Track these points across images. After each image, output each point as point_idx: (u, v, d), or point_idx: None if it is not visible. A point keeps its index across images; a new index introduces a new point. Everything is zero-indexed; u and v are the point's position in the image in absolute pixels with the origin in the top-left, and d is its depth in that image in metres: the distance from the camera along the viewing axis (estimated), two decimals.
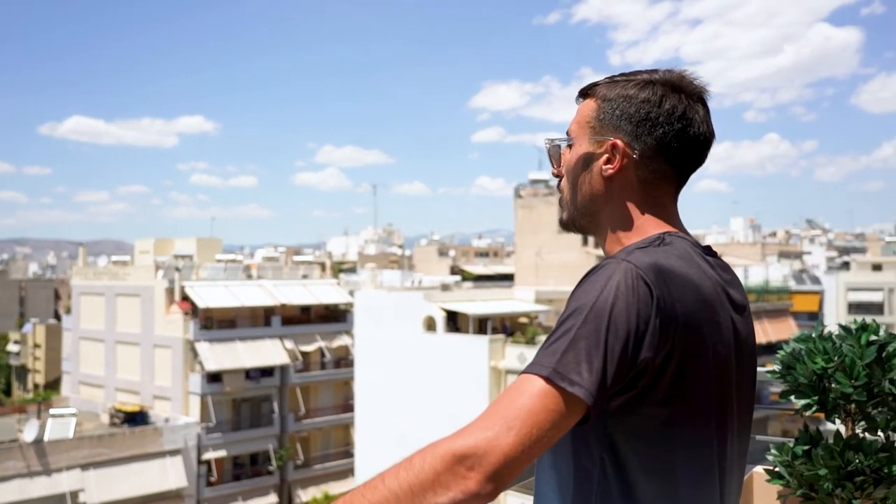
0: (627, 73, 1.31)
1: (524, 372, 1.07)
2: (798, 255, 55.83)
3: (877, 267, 52.85)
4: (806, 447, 2.29)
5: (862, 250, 71.77)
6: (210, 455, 33.91)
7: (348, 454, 37.39)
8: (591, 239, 27.45)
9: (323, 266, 48.64)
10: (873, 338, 2.25)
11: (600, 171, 1.28)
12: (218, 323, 35.86)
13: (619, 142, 1.26)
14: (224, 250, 49.12)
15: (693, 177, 1.33)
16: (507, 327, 29.80)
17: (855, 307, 41.34)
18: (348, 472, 36.77)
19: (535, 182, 37.17)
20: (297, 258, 54.05)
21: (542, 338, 28.15)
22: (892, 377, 2.20)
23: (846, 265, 51.35)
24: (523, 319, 31.24)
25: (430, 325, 28.82)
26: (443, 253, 62.84)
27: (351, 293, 39.08)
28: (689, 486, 1.16)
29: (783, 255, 55.66)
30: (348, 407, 37.69)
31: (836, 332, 2.35)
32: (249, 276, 39.88)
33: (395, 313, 29.78)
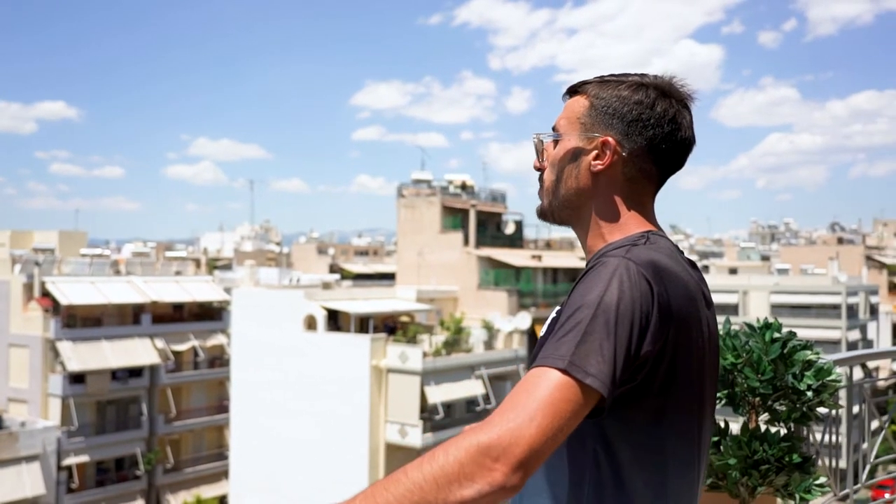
0: (617, 74, 1.36)
1: (537, 365, 1.08)
2: None
3: (733, 271, 56.61)
4: (715, 438, 2.42)
5: (720, 255, 76.55)
6: (71, 460, 32.08)
7: (222, 456, 36.31)
8: (472, 239, 27.67)
9: (197, 262, 46.95)
10: (776, 335, 2.41)
11: (588, 166, 1.32)
12: (82, 321, 33.96)
13: (610, 139, 1.30)
14: (89, 244, 46.55)
15: None
16: (388, 326, 29.79)
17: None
18: (222, 474, 35.71)
19: (417, 182, 37.31)
20: (169, 254, 51.95)
21: (424, 336, 28.36)
22: (795, 372, 2.36)
23: (706, 269, 54.65)
24: (405, 318, 31.33)
25: (311, 323, 28.41)
26: (322, 251, 62.05)
27: (227, 291, 37.97)
28: (677, 476, 1.21)
29: None
30: (223, 408, 36.63)
31: (742, 330, 2.50)
32: (117, 272, 37.96)
33: (274, 312, 29.15)
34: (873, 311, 52.50)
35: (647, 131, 1.29)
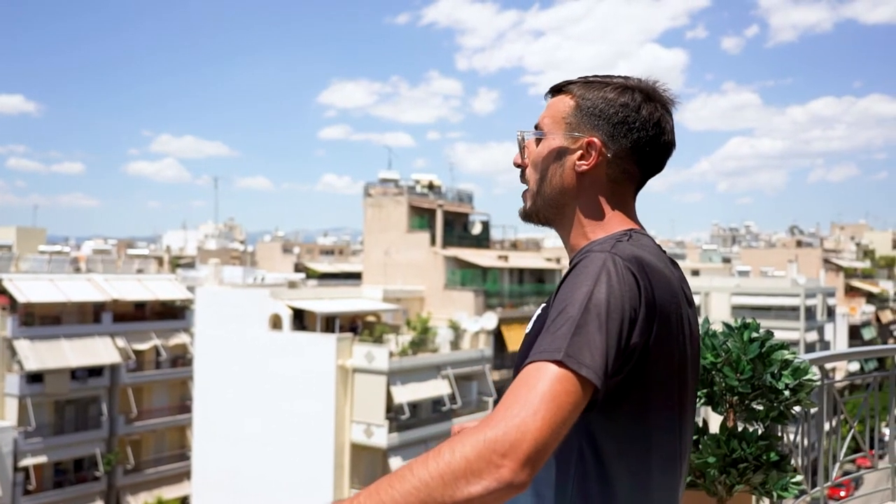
0: (601, 75, 1.38)
1: (532, 360, 1.08)
2: None
3: (695, 272, 57.34)
4: (694, 437, 2.45)
5: (682, 257, 77.57)
6: (28, 461, 31.42)
7: (184, 457, 35.85)
8: (438, 239, 27.72)
9: (160, 260, 46.33)
10: (755, 335, 2.45)
11: (573, 166, 1.33)
12: (40, 319, 33.27)
13: (596, 140, 1.31)
14: (48, 241, 45.69)
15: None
16: (355, 326, 29.66)
17: None
18: (184, 475, 35.24)
19: (384, 181, 37.20)
20: (130, 251, 51.15)
21: (390, 336, 28.29)
22: (773, 371, 2.40)
23: None
24: (371, 318, 31.22)
25: (276, 323, 28.17)
26: (287, 250, 61.54)
27: (190, 289, 37.49)
28: (660, 471, 1.23)
29: None
30: (185, 408, 36.16)
31: (720, 330, 2.53)
32: (77, 270, 37.29)
33: (239, 311, 28.86)
34: (830, 312, 53.67)
35: (632, 134, 1.31)
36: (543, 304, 1.31)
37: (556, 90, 1.39)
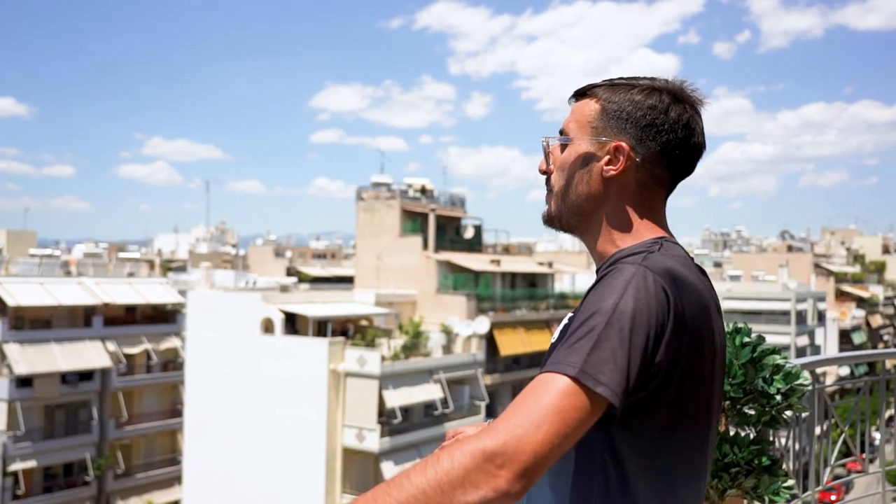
0: (626, 77, 1.33)
1: (546, 371, 1.07)
2: None
3: None
4: None
5: None
6: (17, 466, 31.23)
7: (175, 461, 35.68)
8: (431, 243, 27.71)
9: (151, 264, 46.18)
10: (746, 340, 2.45)
11: (601, 172, 1.29)
12: (30, 323, 33.09)
13: (623, 144, 1.27)
14: (38, 244, 45.46)
15: (523, 187, 1.34)
16: (346, 330, 29.62)
17: None
18: (174, 480, 35.07)
19: (377, 185, 37.20)
20: (122, 255, 50.94)
21: (382, 340, 28.26)
22: (764, 376, 2.41)
23: None
24: (363, 322, 31.18)
25: (268, 326, 28.10)
26: (279, 254, 61.41)
27: (181, 293, 37.37)
28: (686, 486, 1.20)
29: None
30: (176, 412, 36.01)
31: None
32: (68, 273, 37.11)
33: (230, 314, 28.77)
34: (821, 317, 53.92)
35: (661, 136, 1.27)
36: (570, 314, 1.25)
37: (581, 94, 1.35)
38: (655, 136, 1.27)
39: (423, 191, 37.35)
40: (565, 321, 1.28)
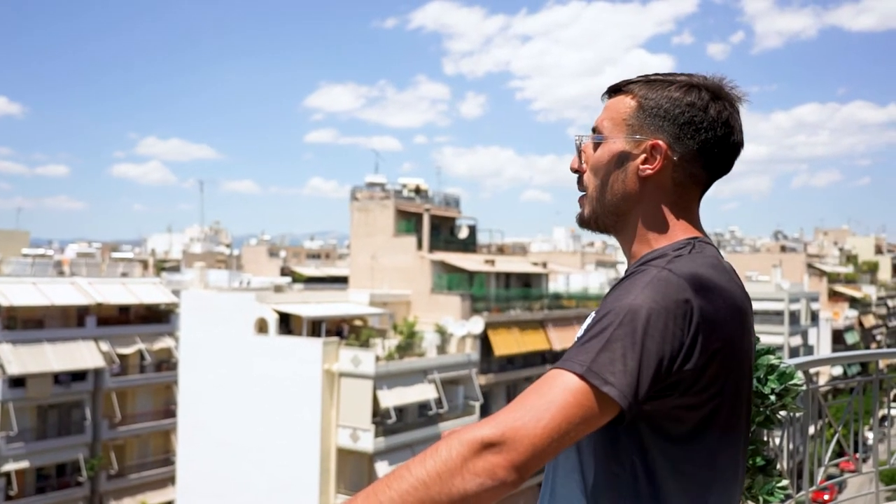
0: (662, 73, 1.30)
1: (555, 367, 1.06)
2: (613, 265, 59.75)
3: None
4: None
5: None
6: (10, 466, 31.13)
7: (168, 462, 35.60)
8: (425, 243, 27.73)
9: (144, 264, 46.07)
10: None
11: (636, 171, 1.26)
12: (23, 323, 32.98)
13: (661, 142, 1.24)
14: (31, 244, 45.30)
15: (518, 187, 1.32)
16: (341, 330, 29.60)
17: None
18: (168, 480, 34.99)
19: (371, 185, 37.18)
20: (115, 255, 50.84)
21: (377, 340, 28.26)
22: (759, 376, 2.41)
23: None
24: (358, 322, 31.17)
25: (262, 327, 28.06)
26: (273, 253, 61.30)
27: (175, 293, 37.28)
28: (719, 491, 1.19)
29: (600, 263, 59.36)
30: (169, 412, 35.93)
31: None
32: (61, 273, 36.97)
33: (224, 314, 28.72)
34: (814, 317, 54.12)
35: (699, 135, 1.24)
36: (593, 313, 1.21)
37: (615, 90, 1.31)
38: (694, 135, 1.24)
39: (418, 191, 37.35)
40: (588, 320, 1.24)
